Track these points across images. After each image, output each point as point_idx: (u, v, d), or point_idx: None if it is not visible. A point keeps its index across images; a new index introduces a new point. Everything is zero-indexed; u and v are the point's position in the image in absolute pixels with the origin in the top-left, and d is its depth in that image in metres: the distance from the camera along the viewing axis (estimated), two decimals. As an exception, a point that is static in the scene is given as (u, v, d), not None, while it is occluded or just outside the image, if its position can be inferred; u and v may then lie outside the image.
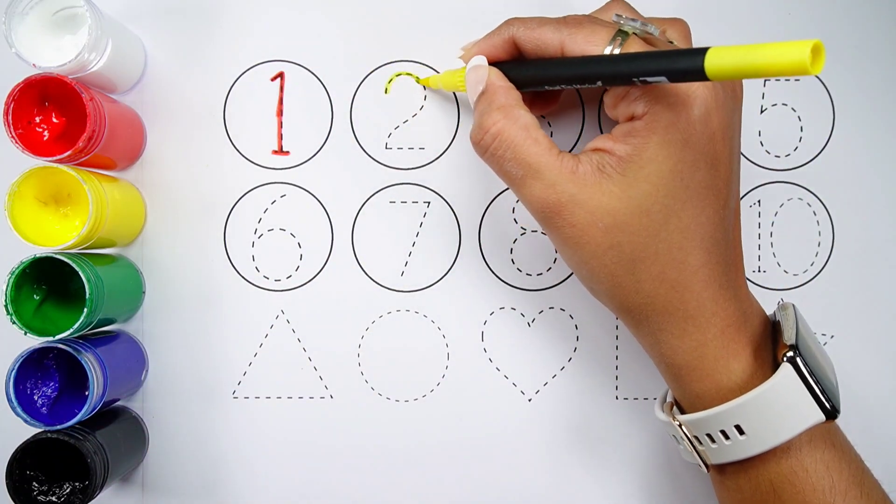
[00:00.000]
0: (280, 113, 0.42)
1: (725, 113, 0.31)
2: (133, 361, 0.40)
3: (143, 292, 0.41)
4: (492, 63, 0.35)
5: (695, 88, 0.30)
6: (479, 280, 0.42)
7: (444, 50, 0.42)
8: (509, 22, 0.35)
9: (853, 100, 0.42)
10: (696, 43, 0.42)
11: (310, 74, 0.42)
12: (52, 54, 0.36)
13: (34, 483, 0.36)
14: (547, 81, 0.33)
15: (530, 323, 0.42)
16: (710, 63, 0.25)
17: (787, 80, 0.42)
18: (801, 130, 0.42)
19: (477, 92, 0.35)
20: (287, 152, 0.42)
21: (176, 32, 0.41)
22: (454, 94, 0.42)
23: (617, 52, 0.31)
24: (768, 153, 0.42)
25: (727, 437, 0.32)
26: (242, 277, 0.42)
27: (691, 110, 0.30)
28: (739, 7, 0.42)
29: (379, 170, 0.42)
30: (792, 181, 0.43)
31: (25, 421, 0.35)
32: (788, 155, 0.42)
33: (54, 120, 0.36)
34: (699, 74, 0.26)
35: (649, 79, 0.28)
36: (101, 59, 0.37)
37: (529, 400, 0.42)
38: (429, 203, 0.42)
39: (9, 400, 0.35)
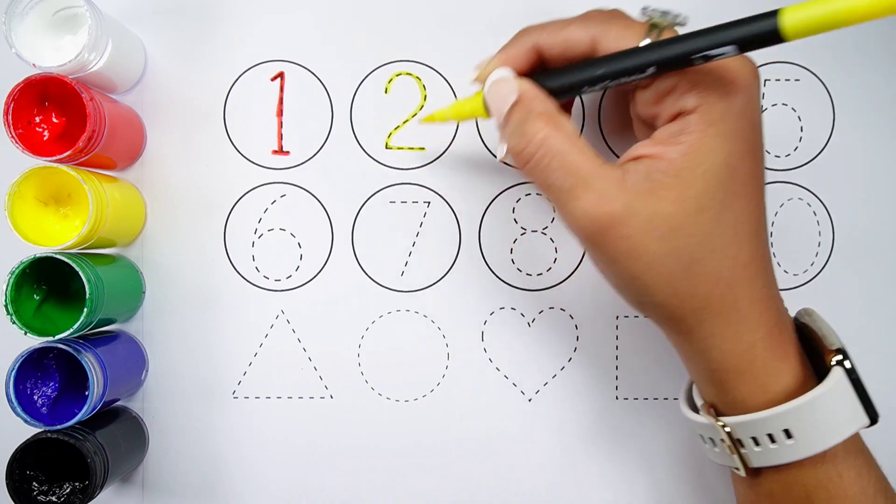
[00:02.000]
0: (280, 113, 0.42)
1: (759, 98, 0.30)
2: (133, 361, 0.40)
3: (143, 292, 0.41)
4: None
5: (740, 73, 0.29)
6: (479, 280, 0.42)
7: (444, 50, 0.42)
8: (527, 31, 0.33)
9: (853, 100, 0.42)
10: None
11: (310, 74, 0.42)
12: (52, 54, 0.36)
13: (34, 483, 0.36)
14: (591, 81, 0.31)
15: (530, 323, 0.42)
16: (788, 21, 0.24)
17: (786, 79, 0.42)
18: (801, 130, 0.42)
19: (508, 103, 0.32)
20: (287, 152, 0.42)
21: (176, 32, 0.41)
22: (455, 95, 0.42)
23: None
24: (768, 153, 0.42)
25: (773, 441, 0.31)
26: (242, 277, 0.42)
27: (739, 97, 0.29)
28: (741, 6, 0.42)
29: (379, 170, 0.42)
30: (792, 181, 0.43)
31: (25, 421, 0.35)
32: (788, 155, 0.43)
33: (54, 120, 0.36)
34: (774, 36, 0.25)
35: (714, 52, 0.27)
36: (101, 59, 0.37)
37: (529, 400, 0.42)
38: (429, 203, 0.42)
39: (9, 400, 0.35)
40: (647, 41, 0.30)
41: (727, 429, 0.32)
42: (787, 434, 0.31)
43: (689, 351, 0.33)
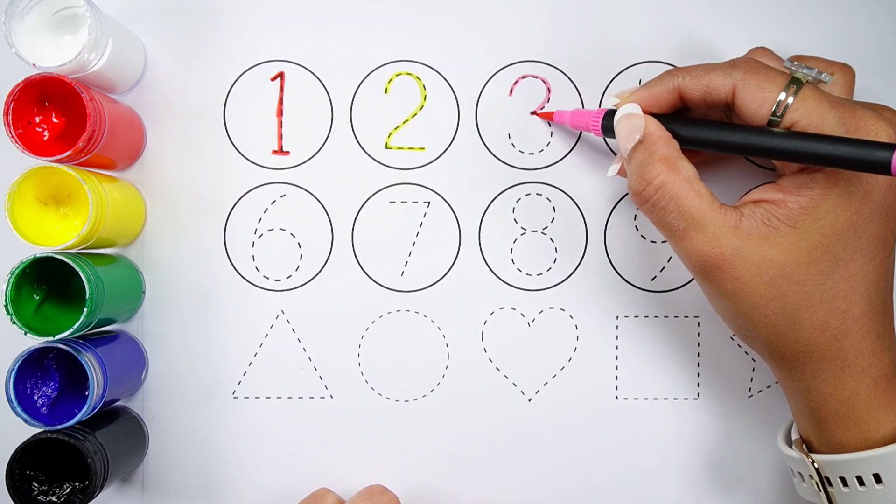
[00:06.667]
0: (280, 113, 0.42)
1: None
2: (133, 361, 0.40)
3: (143, 292, 0.41)
4: (649, 113, 0.35)
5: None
6: (479, 280, 0.42)
7: (444, 50, 0.42)
8: (672, 72, 0.34)
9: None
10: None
11: (310, 74, 0.42)
12: (52, 54, 0.36)
13: (34, 483, 0.36)
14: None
15: (530, 323, 0.42)
16: None
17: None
18: (801, 130, 0.42)
19: (633, 141, 0.34)
20: (287, 152, 0.42)
21: (176, 32, 0.41)
22: (455, 95, 0.42)
23: (791, 100, 0.31)
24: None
25: (862, 484, 0.31)
26: (242, 277, 0.42)
27: None
28: (740, 7, 0.42)
29: (379, 170, 0.42)
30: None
31: (25, 421, 0.35)
32: (788, 155, 0.42)
33: (54, 120, 0.36)
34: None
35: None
36: (101, 59, 0.37)
37: (529, 400, 0.42)
38: (429, 203, 0.42)
39: (9, 400, 0.35)
40: (783, 95, 0.31)
41: (816, 465, 0.33)
42: (877, 479, 0.31)
43: (790, 387, 0.34)
